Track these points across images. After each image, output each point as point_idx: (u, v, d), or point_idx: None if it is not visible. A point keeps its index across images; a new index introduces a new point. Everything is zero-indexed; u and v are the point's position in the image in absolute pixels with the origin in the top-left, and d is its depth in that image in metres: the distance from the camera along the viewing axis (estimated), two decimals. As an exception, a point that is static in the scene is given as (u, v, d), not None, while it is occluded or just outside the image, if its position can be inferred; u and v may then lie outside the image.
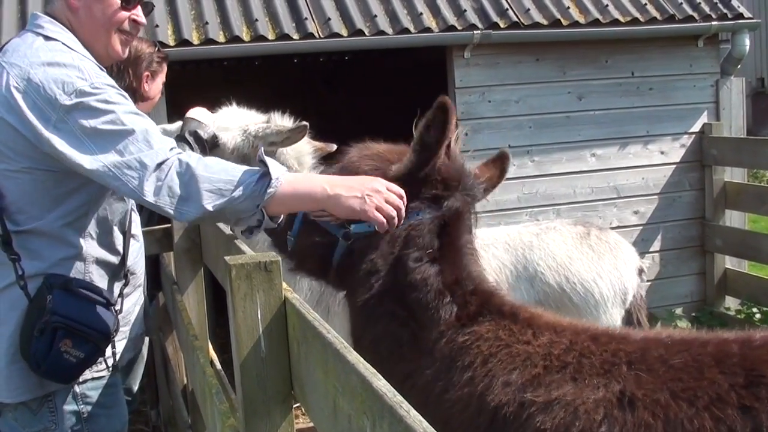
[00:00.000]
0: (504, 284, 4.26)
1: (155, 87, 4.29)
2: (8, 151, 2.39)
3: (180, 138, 4.18)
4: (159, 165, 2.27)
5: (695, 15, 6.86)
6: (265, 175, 2.25)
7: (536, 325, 2.23)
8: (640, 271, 4.77)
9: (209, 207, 2.23)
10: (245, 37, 5.90)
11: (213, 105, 4.51)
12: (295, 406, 1.96)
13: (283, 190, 2.24)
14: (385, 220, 2.23)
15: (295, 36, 5.97)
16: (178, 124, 4.34)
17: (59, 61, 2.38)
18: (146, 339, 4.22)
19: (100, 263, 2.60)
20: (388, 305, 2.35)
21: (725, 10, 6.97)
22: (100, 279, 2.60)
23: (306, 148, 4.53)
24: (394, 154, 2.51)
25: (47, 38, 2.47)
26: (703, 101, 7.17)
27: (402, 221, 2.30)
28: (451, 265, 2.38)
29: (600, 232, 4.79)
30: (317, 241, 2.46)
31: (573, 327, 2.24)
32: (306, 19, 6.06)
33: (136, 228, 2.87)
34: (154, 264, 4.21)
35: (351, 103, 9.82)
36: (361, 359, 1.41)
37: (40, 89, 2.32)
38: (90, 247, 2.56)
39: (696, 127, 7.15)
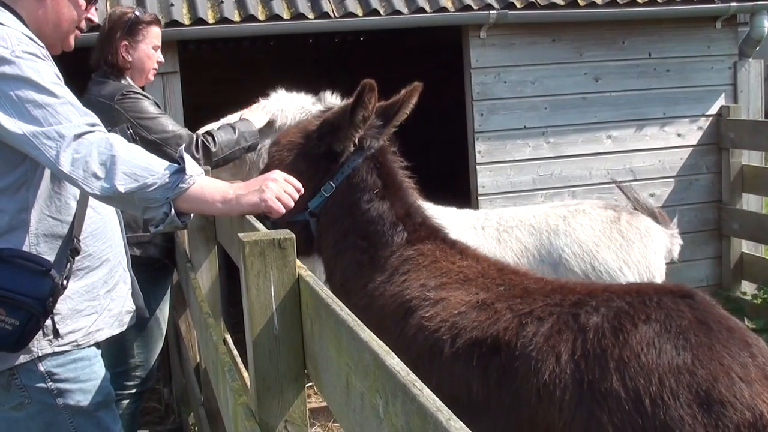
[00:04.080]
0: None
1: (139, 54, 4.14)
2: None
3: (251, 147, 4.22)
4: (77, 137, 2.31)
5: (714, -4, 6.77)
6: (181, 171, 2.34)
7: (466, 253, 2.84)
8: (670, 254, 4.72)
9: (121, 188, 2.29)
10: (260, 16, 5.87)
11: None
12: (307, 385, 1.96)
13: (193, 189, 2.35)
14: (282, 207, 2.42)
15: (310, 15, 5.93)
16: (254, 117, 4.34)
17: None
18: (159, 317, 4.22)
19: (49, 235, 2.56)
20: (351, 239, 2.90)
21: (745, -9, 6.87)
22: (49, 251, 2.55)
23: None
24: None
25: None
26: (720, 83, 7.08)
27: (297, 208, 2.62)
28: (400, 200, 2.96)
29: (631, 217, 4.68)
30: (298, 232, 2.87)
31: (494, 261, 2.83)
32: (321, -2, 6.01)
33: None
34: (169, 241, 4.22)
35: (365, 84, 9.77)
36: (375, 337, 1.40)
37: None
38: (35, 219, 2.53)
39: (713, 110, 7.07)
